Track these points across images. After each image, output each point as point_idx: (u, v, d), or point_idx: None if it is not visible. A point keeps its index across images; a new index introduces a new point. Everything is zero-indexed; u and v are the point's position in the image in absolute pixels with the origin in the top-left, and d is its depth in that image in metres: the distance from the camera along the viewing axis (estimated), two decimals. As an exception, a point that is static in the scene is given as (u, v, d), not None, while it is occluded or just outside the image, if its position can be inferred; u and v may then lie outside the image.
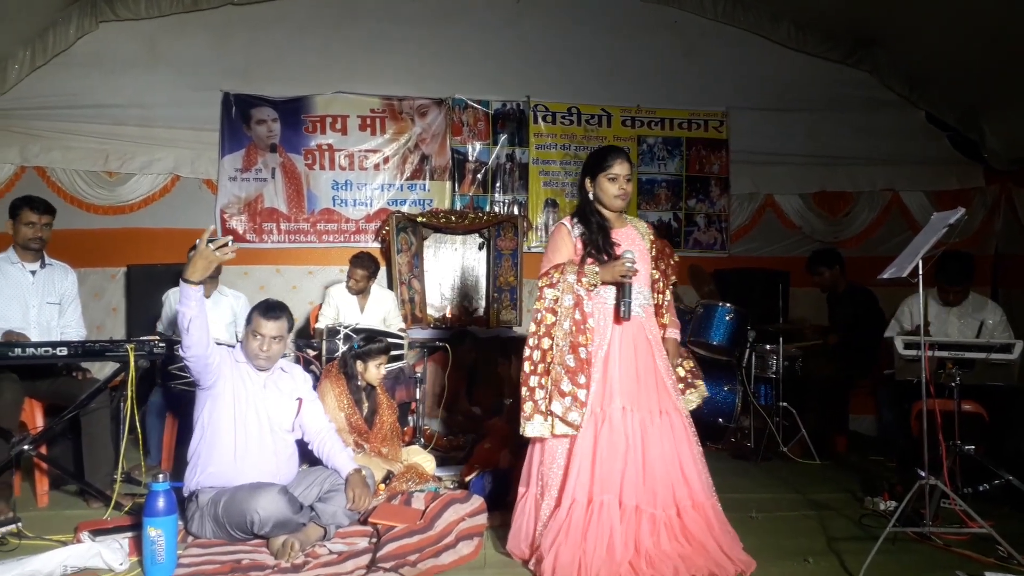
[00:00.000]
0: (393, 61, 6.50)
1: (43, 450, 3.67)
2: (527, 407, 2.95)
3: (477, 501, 3.46)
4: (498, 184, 6.71)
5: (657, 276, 3.25)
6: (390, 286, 6.13)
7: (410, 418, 5.00)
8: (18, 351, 3.32)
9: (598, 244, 3.08)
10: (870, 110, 6.93)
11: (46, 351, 3.39)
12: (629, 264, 2.95)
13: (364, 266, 5.24)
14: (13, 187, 5.82)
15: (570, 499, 2.87)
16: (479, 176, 6.67)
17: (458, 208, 6.58)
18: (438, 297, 6.56)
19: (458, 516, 3.27)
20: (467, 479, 3.94)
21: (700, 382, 3.36)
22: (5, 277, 3.81)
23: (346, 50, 6.41)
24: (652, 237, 3.29)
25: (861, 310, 5.20)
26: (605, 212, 3.14)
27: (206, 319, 3.11)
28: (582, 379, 2.92)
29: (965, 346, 3.60)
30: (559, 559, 2.77)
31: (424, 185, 6.61)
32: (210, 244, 2.97)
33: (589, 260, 3.05)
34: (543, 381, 2.94)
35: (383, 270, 6.35)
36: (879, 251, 6.48)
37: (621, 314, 2.99)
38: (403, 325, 5.39)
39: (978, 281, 5.90)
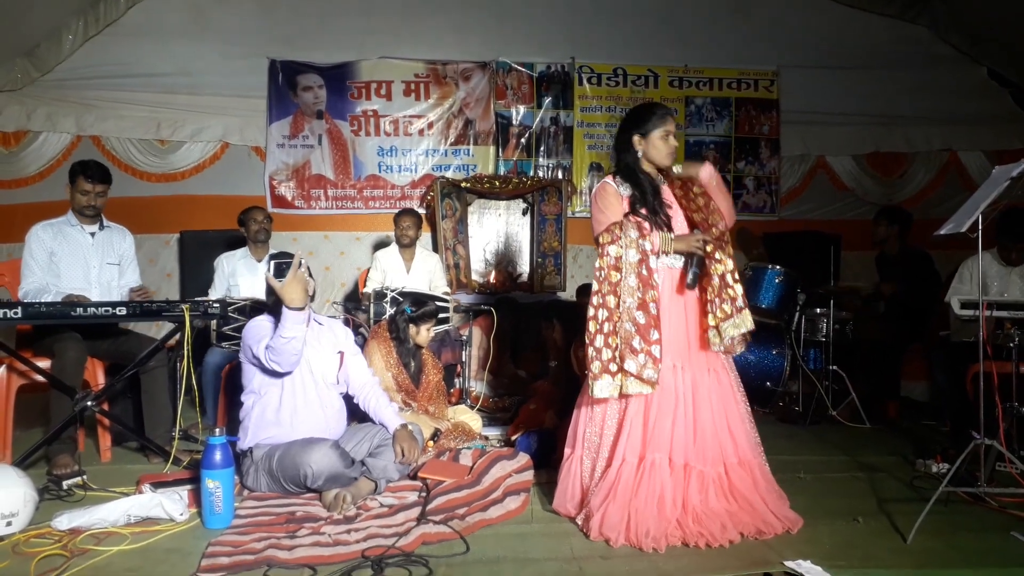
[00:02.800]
0: (436, 24, 6.47)
1: (105, 407, 3.80)
2: (595, 367, 2.86)
3: (524, 458, 3.49)
4: (542, 148, 6.68)
5: (698, 218, 3.07)
6: (435, 251, 6.17)
7: (456, 380, 5.06)
8: (80, 311, 3.44)
9: (652, 206, 3.00)
10: (927, 67, 6.70)
11: (106, 311, 3.50)
12: (702, 239, 2.92)
13: (408, 213, 5.36)
14: (70, 155, 5.99)
15: (620, 459, 2.88)
16: (523, 140, 6.64)
17: (502, 173, 6.57)
18: (482, 262, 6.59)
19: (505, 472, 3.30)
20: (513, 438, 3.99)
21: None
22: (66, 239, 3.93)
23: (389, 14, 6.39)
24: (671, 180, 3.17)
25: (915, 271, 5.08)
26: (650, 171, 3.08)
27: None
28: (655, 335, 2.83)
29: (1026, 305, 3.49)
30: (607, 517, 2.79)
31: (468, 150, 6.61)
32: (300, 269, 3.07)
33: (638, 219, 2.96)
34: (611, 340, 2.86)
35: (428, 236, 6.40)
36: (935, 213, 6.28)
37: (688, 283, 2.96)
38: (447, 289, 5.43)
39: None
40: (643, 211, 2.99)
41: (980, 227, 3.04)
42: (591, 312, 2.92)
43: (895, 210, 5.41)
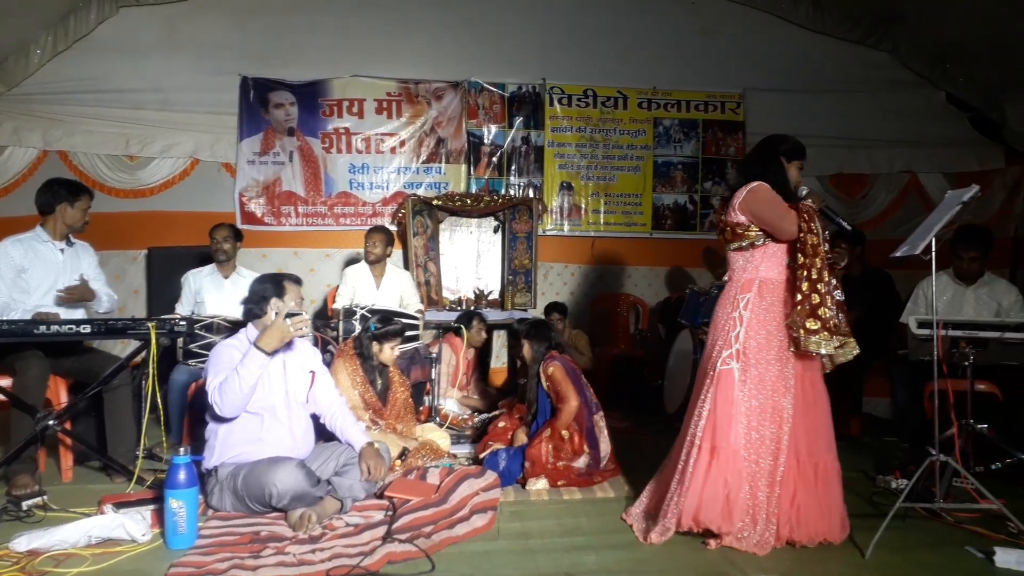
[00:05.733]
0: (409, 44, 6.52)
1: (67, 426, 3.75)
2: (831, 327, 2.99)
3: (491, 476, 3.52)
4: (513, 167, 6.73)
5: None
6: (406, 268, 6.17)
7: (425, 398, 5.05)
8: (43, 328, 3.40)
9: None
10: (889, 91, 6.88)
11: (70, 329, 3.47)
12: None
13: (382, 231, 5.39)
14: (36, 171, 5.94)
15: (793, 459, 3.00)
16: (494, 159, 6.70)
17: (474, 191, 6.61)
18: (454, 280, 6.60)
19: (472, 490, 3.32)
20: (481, 456, 4.00)
21: None
22: (37, 255, 3.90)
23: (363, 33, 6.43)
24: None
25: (877, 292, 5.19)
26: None
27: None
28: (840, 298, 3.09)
29: (979, 325, 3.59)
30: (801, 518, 2.97)
31: (440, 168, 6.65)
32: (287, 320, 3.13)
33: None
34: (829, 301, 3.00)
35: (399, 253, 6.42)
36: (896, 233, 6.43)
37: (847, 228, 3.34)
38: (420, 305, 5.44)
39: (998, 263, 5.88)
40: None
41: (934, 250, 3.14)
42: (815, 276, 3.01)
43: (854, 231, 5.51)
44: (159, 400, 3.62)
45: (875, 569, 2.79)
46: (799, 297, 3.02)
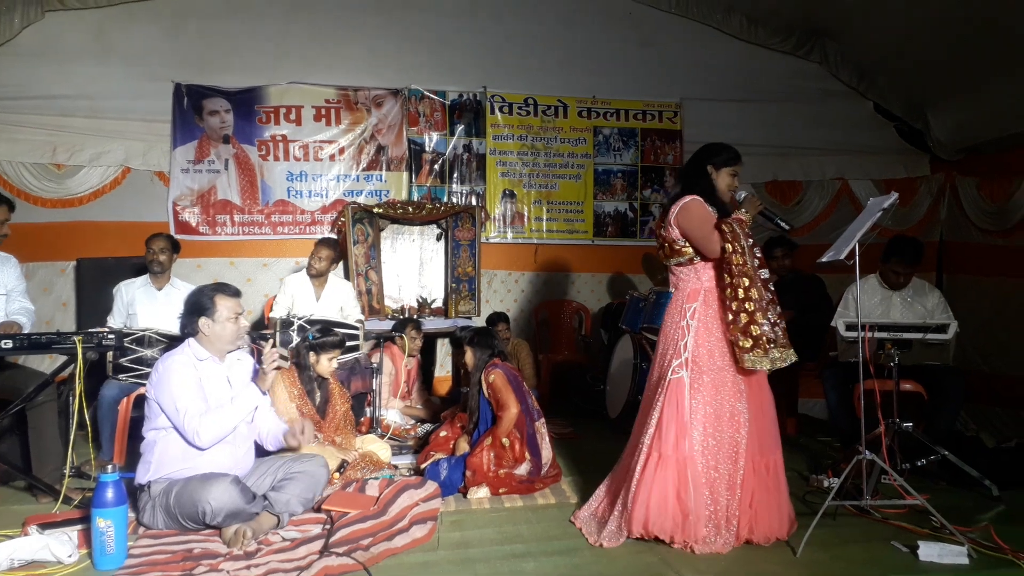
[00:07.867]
0: (348, 51, 6.46)
1: (-11, 445, 3.62)
2: (764, 343, 3.03)
3: (431, 487, 3.50)
4: (455, 175, 6.73)
5: None
6: (347, 278, 6.11)
7: (367, 409, 5.00)
8: (-39, 345, 3.27)
9: None
10: (820, 101, 7.07)
11: (-10, 344, 3.34)
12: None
13: (330, 245, 5.30)
14: (-44, 180, 5.70)
15: (750, 462, 3.07)
16: (436, 167, 6.68)
17: (415, 199, 6.57)
18: (396, 288, 6.55)
19: (412, 501, 3.30)
20: (423, 466, 3.98)
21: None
22: (-50, 270, 3.74)
23: (301, 40, 6.34)
24: None
25: (808, 295, 5.34)
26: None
27: None
28: (777, 310, 3.12)
29: (903, 327, 3.73)
30: (759, 519, 3.04)
31: (380, 176, 6.60)
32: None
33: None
34: (759, 317, 3.04)
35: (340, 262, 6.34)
36: (829, 239, 6.52)
37: (785, 228, 3.44)
38: (361, 316, 5.38)
39: (924, 267, 6.08)
40: None
41: (857, 255, 3.24)
42: (740, 294, 3.05)
43: (785, 238, 5.66)
44: (87, 416, 3.49)
45: (806, 566, 2.87)
46: (730, 317, 3.07)
